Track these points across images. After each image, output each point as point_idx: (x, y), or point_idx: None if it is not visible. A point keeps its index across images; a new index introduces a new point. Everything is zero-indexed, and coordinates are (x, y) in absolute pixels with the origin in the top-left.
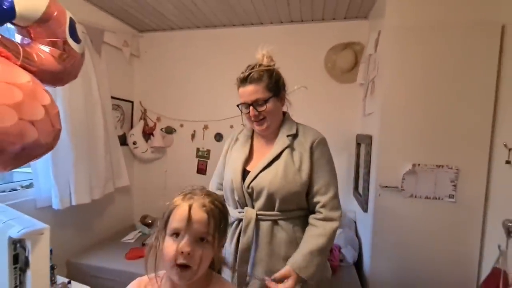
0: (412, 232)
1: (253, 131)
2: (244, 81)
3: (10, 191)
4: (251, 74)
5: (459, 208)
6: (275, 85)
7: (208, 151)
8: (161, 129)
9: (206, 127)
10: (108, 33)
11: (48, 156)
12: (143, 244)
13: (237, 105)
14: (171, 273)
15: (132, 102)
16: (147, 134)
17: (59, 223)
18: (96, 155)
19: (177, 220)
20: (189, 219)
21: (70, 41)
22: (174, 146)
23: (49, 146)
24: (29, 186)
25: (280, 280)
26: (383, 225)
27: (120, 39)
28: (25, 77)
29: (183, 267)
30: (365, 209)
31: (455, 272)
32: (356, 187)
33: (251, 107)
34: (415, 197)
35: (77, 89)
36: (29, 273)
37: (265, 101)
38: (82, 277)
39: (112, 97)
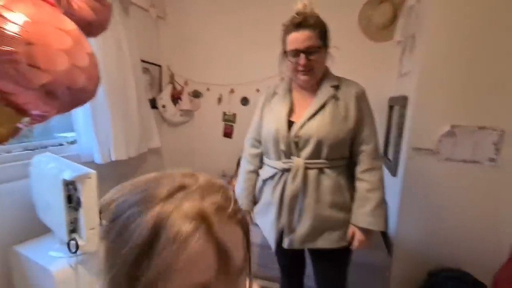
0: (444, 196)
1: (291, 84)
2: (298, 26)
3: (58, 145)
4: (307, 19)
5: (500, 172)
6: (326, 35)
7: (234, 115)
8: (189, 93)
9: (232, 91)
10: None
11: (89, 114)
12: None
13: (283, 52)
14: None
15: (160, 66)
16: (175, 98)
17: (101, 176)
18: (130, 115)
19: (196, 269)
20: (224, 257)
21: None
22: (201, 110)
23: (92, 94)
24: (73, 142)
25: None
26: (414, 189)
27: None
28: (71, 25)
29: None
30: (394, 173)
31: (488, 239)
32: (385, 153)
33: (301, 55)
34: (451, 160)
35: (110, 49)
36: (81, 211)
37: (318, 49)
38: None
39: (141, 60)
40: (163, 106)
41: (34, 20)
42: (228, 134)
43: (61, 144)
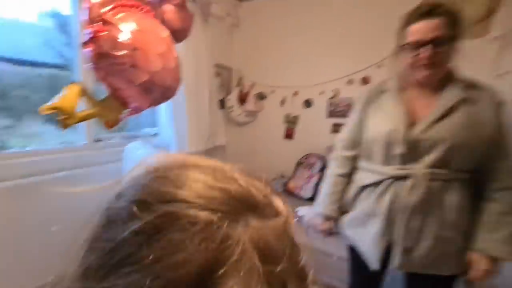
0: None
1: (403, 81)
2: (425, 14)
3: (143, 136)
4: (436, 7)
5: None
6: (458, 28)
7: (296, 117)
8: (254, 95)
9: (296, 93)
10: (212, 2)
11: (170, 111)
12: None
13: (399, 47)
14: None
15: (230, 70)
16: (242, 99)
17: None
18: (202, 114)
19: None
20: None
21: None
22: (265, 111)
23: (175, 92)
24: (155, 135)
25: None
26: None
27: (222, 9)
28: (165, 32)
29: None
30: None
31: None
32: None
33: (426, 47)
34: None
35: (190, 54)
36: None
37: (446, 41)
38: None
39: (215, 64)
40: (231, 107)
41: (140, 30)
42: (289, 135)
43: (146, 136)
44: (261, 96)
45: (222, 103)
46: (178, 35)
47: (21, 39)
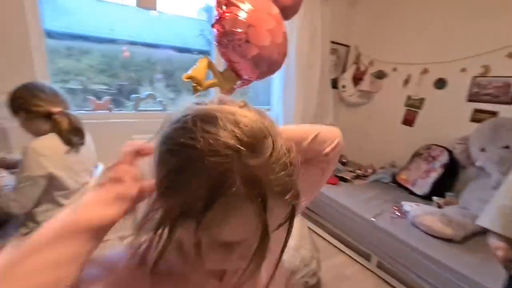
0: None
1: None
2: None
3: None
4: None
5: None
6: None
7: (422, 100)
8: (371, 74)
9: (425, 71)
10: None
11: (281, 88)
12: (335, 176)
13: None
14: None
15: (348, 47)
16: (357, 78)
17: None
18: (310, 93)
19: (237, 233)
20: (265, 233)
21: None
22: (382, 92)
23: (280, 66)
24: (268, 110)
25: None
26: None
27: None
28: (275, 9)
29: None
30: None
31: None
32: None
33: None
34: None
35: (305, 31)
36: None
37: None
38: None
39: (331, 42)
40: (343, 87)
41: (255, 8)
42: (409, 121)
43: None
44: (379, 75)
45: (335, 82)
46: (288, 11)
47: (183, 31)
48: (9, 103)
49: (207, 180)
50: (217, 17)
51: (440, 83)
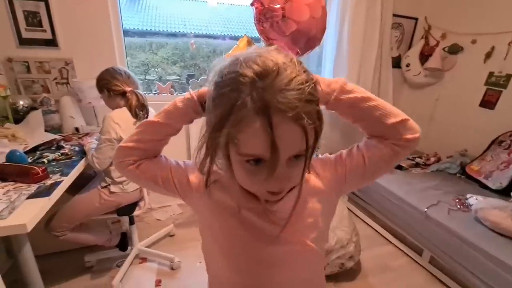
0: None
1: None
2: None
3: None
4: None
5: None
6: None
7: (509, 76)
8: (444, 49)
9: None
10: None
11: (331, 68)
12: None
13: None
14: (256, 193)
15: (416, 19)
16: (425, 55)
17: (328, 123)
18: (366, 72)
19: (251, 146)
20: (275, 148)
21: None
22: (455, 70)
23: (319, 41)
24: None
25: None
26: None
27: None
28: None
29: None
30: None
31: None
32: None
33: None
34: None
35: (361, 7)
36: None
37: None
38: None
39: (394, 15)
40: (407, 65)
41: None
42: (489, 103)
43: None
44: (454, 50)
45: (398, 61)
46: None
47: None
48: (96, 84)
49: (229, 100)
50: None
51: None
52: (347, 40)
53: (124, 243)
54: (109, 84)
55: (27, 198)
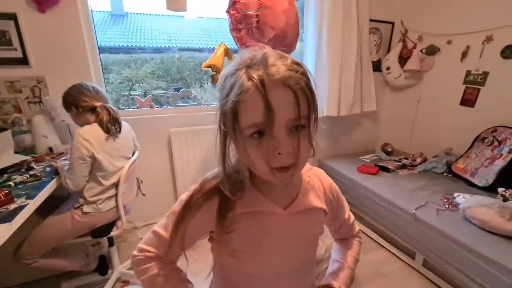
0: None
1: None
2: None
3: None
4: None
5: None
6: None
7: (485, 74)
8: (421, 50)
9: (488, 39)
10: None
11: (312, 71)
12: (376, 165)
13: None
14: (267, 178)
15: (392, 24)
16: (404, 57)
17: None
18: (346, 77)
19: (251, 114)
20: (269, 109)
21: None
22: (434, 70)
23: (294, 47)
24: None
25: None
26: None
27: None
28: None
29: (283, 168)
30: None
31: None
32: None
33: None
34: None
35: (337, 12)
36: None
37: None
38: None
39: (371, 20)
40: (387, 68)
41: None
42: (469, 101)
43: None
44: (431, 51)
45: (378, 65)
46: None
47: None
48: (62, 101)
49: (229, 83)
50: (232, 2)
51: (509, 51)
52: (326, 46)
53: (103, 266)
54: (77, 101)
55: None
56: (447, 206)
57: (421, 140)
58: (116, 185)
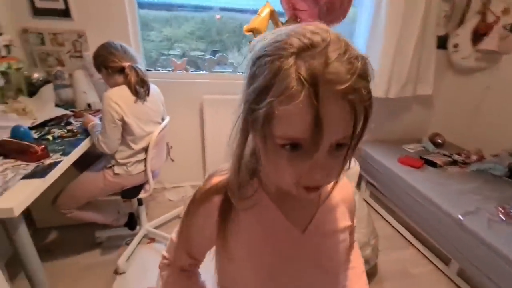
0: None
1: None
2: None
3: None
4: None
5: None
6: None
7: None
8: (504, 26)
9: None
10: None
11: (364, 40)
12: (421, 157)
13: None
14: (287, 188)
15: None
16: (479, 34)
17: None
18: (403, 52)
19: (291, 126)
20: (319, 128)
21: None
22: None
23: (345, 15)
24: None
25: None
26: None
27: None
28: None
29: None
30: None
31: None
32: None
33: None
34: None
35: None
36: None
37: None
38: (360, 158)
39: None
40: (455, 46)
41: None
42: None
43: None
44: None
45: (444, 40)
46: None
47: None
48: (93, 62)
49: (271, 70)
50: None
51: None
52: (386, 11)
53: (132, 222)
54: (106, 61)
55: (22, 178)
56: (502, 217)
57: (481, 134)
58: (145, 149)
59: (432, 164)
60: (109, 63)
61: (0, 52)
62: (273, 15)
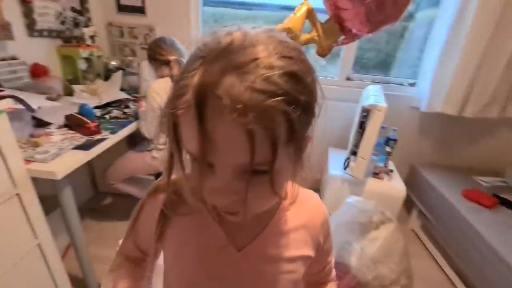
0: None
1: None
2: None
3: (397, 84)
4: None
5: None
6: None
7: None
8: None
9: None
10: None
11: (437, 58)
12: (494, 195)
13: None
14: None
15: None
16: None
17: (420, 124)
18: (489, 66)
19: (187, 138)
20: (208, 147)
21: None
22: None
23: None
24: (412, 85)
25: None
26: None
27: None
28: None
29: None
30: None
31: None
32: None
33: None
34: None
35: None
36: (364, 137)
37: None
38: (415, 183)
39: None
40: None
41: None
42: None
43: (401, 84)
44: None
45: None
46: None
47: None
48: (147, 55)
49: (180, 77)
50: None
51: None
52: (473, 16)
53: None
54: (155, 54)
55: (73, 148)
56: None
57: None
58: None
59: (510, 205)
60: (156, 55)
61: (85, 41)
62: (311, 14)
